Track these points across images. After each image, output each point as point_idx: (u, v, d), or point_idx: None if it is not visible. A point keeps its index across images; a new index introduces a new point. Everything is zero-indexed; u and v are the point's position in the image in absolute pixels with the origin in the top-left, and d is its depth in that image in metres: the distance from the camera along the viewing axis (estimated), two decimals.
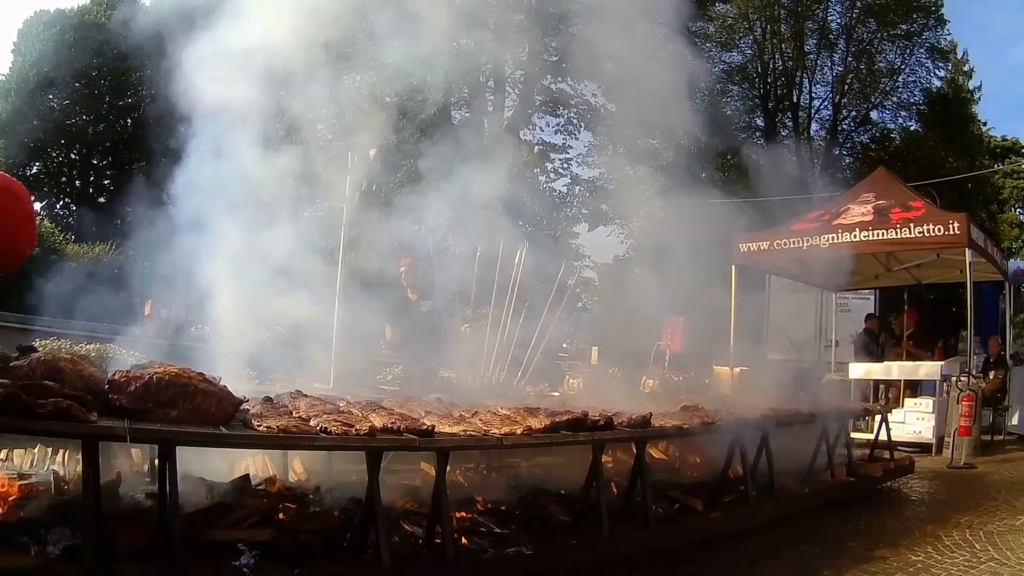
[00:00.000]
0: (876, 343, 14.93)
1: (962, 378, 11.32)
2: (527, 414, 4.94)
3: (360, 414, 4.42)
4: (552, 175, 26.04)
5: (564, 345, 13.49)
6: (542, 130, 26.79)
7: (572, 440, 4.92)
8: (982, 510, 7.46)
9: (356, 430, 3.93)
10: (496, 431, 4.58)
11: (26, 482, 4.38)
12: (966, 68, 37.26)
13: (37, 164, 28.19)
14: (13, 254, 2.42)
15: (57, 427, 3.31)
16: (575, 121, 25.57)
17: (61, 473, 4.73)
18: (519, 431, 4.61)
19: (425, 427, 4.21)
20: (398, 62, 8.44)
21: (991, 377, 13.69)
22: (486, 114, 19.32)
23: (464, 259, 8.75)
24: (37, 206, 27.96)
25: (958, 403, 10.72)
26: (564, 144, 26.38)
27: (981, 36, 66.75)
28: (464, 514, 5.04)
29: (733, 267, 13.48)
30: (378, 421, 4.19)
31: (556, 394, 8.47)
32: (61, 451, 5.06)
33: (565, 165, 26.35)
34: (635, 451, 5.58)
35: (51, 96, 25.66)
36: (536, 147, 25.20)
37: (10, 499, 4.14)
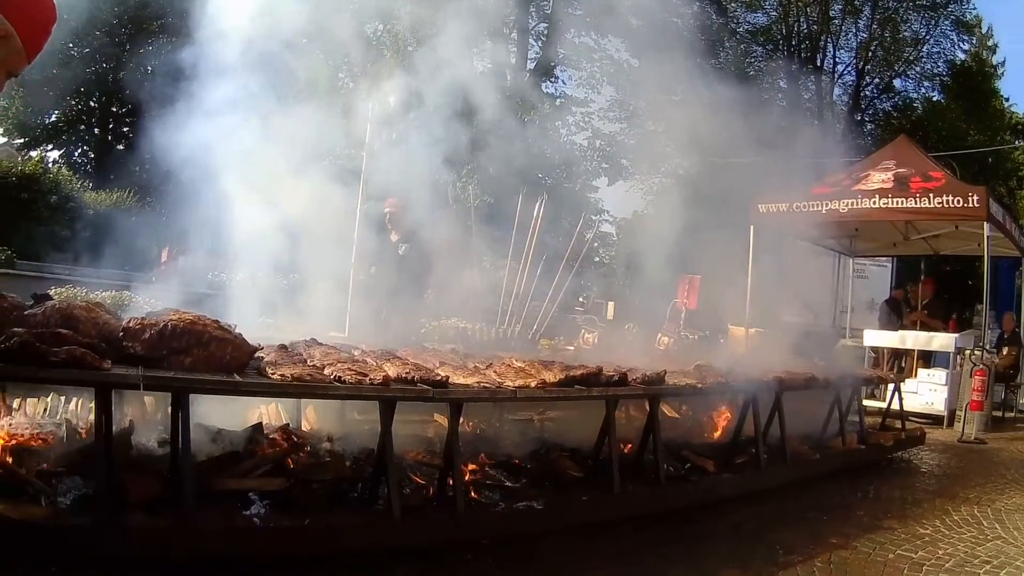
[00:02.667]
0: (897, 313, 14.86)
1: (976, 352, 11.25)
2: (541, 367, 4.92)
3: (375, 363, 4.42)
4: (573, 128, 25.90)
5: (580, 299, 13.45)
6: (564, 83, 26.67)
7: (586, 395, 4.90)
8: (991, 487, 7.41)
9: (370, 380, 3.91)
10: (510, 383, 4.57)
11: (39, 431, 4.40)
12: (990, 43, 36.74)
13: (56, 112, 28.19)
14: (43, 29, 2.47)
15: (70, 375, 3.30)
16: (597, 75, 25.39)
17: (74, 422, 4.74)
18: (533, 384, 4.59)
19: (439, 378, 4.20)
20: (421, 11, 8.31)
21: (1004, 353, 13.58)
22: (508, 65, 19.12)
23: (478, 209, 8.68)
24: (55, 154, 28.05)
25: (971, 377, 10.66)
26: (586, 98, 26.25)
27: (1006, 13, 65.49)
28: (475, 467, 5.05)
29: (752, 227, 13.34)
30: (392, 371, 4.18)
31: (571, 348, 8.46)
32: (74, 400, 5.07)
33: (586, 119, 26.21)
34: (648, 408, 5.56)
35: (71, 45, 25.52)
36: (558, 100, 25.04)
37: (22, 449, 4.15)
